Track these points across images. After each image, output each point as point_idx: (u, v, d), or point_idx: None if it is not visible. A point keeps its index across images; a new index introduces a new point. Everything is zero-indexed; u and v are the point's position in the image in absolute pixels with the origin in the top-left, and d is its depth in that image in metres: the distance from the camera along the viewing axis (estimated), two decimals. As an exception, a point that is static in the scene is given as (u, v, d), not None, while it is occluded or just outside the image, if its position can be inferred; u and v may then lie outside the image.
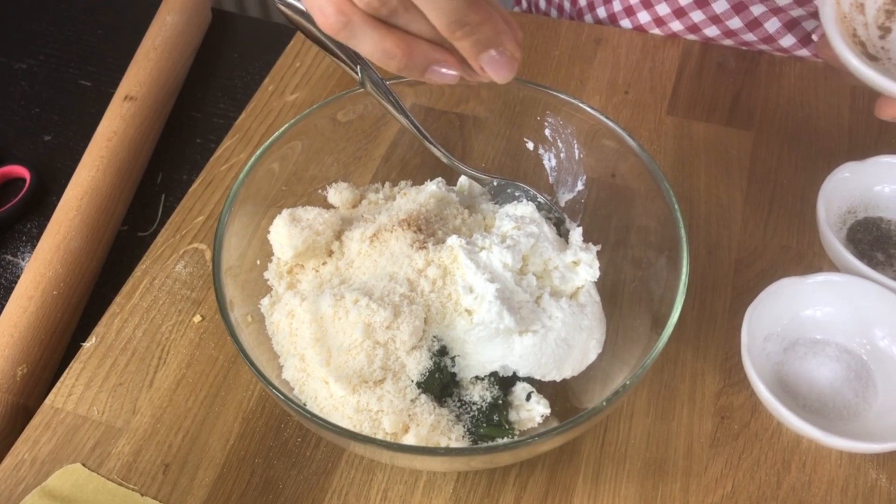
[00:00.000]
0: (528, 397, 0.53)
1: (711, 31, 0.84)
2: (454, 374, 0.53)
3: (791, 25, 0.82)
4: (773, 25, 0.82)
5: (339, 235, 0.58)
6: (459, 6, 0.41)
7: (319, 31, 0.57)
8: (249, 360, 0.48)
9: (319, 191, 0.63)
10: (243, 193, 0.56)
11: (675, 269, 0.54)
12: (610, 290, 0.59)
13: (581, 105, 0.60)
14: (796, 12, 0.81)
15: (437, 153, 0.60)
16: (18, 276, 0.71)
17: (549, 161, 0.65)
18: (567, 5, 0.94)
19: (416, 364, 0.51)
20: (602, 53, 0.82)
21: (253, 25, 0.95)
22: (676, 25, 0.84)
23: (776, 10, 0.81)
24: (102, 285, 0.70)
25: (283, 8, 0.56)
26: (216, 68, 0.89)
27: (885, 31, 0.57)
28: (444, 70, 0.45)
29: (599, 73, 0.80)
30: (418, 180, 0.66)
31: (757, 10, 0.81)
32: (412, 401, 0.51)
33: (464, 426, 0.52)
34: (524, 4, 1.03)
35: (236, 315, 0.52)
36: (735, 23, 0.82)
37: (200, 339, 0.62)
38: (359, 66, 0.58)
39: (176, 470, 0.56)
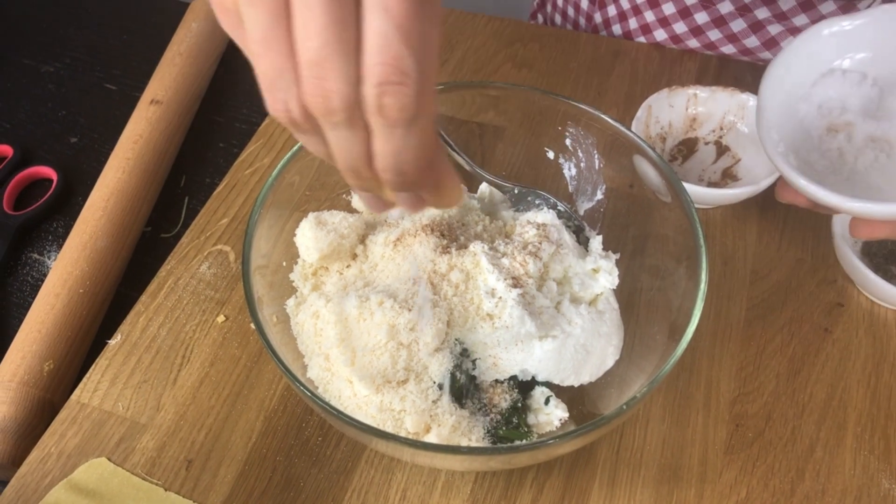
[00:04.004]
0: (547, 401, 0.54)
1: (728, 49, 0.85)
2: (475, 377, 0.54)
3: (807, 42, 0.83)
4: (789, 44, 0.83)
5: (363, 239, 0.59)
6: (407, 150, 0.35)
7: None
8: (276, 355, 0.49)
9: (344, 195, 0.65)
10: (271, 197, 0.58)
11: (693, 279, 0.54)
12: (627, 298, 0.60)
13: (602, 116, 0.61)
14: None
15: (460, 160, 0.61)
16: (44, 274, 0.72)
17: (569, 170, 0.66)
18: (583, 22, 0.95)
19: (439, 366, 0.52)
20: (620, 66, 0.84)
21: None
22: (693, 43, 0.86)
23: (793, 30, 0.82)
24: (125, 285, 0.71)
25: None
26: (239, 74, 0.90)
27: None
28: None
29: (617, 85, 0.82)
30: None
31: (774, 29, 0.83)
32: (434, 402, 0.52)
33: (483, 428, 0.52)
34: (540, 19, 1.04)
35: (263, 314, 0.53)
36: (752, 41, 0.84)
37: (224, 339, 0.64)
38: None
39: (199, 466, 0.57)
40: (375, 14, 0.32)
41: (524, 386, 0.55)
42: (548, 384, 0.55)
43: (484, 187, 0.65)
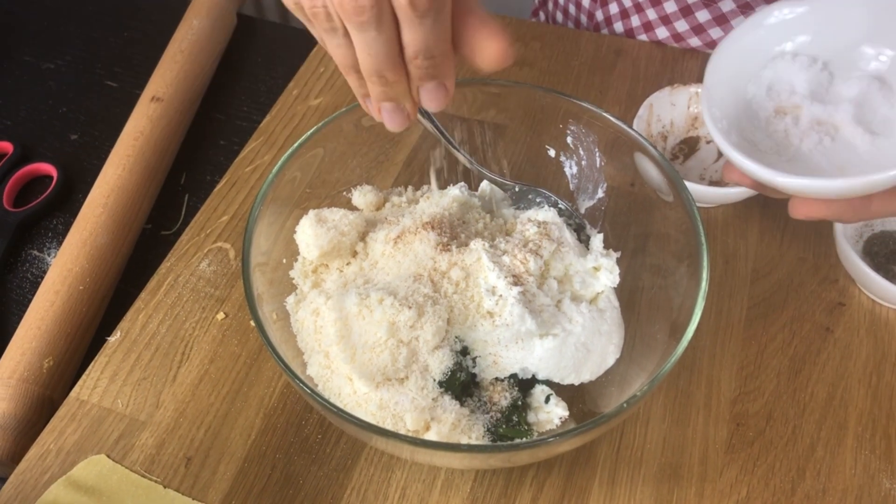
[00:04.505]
0: (547, 399, 0.54)
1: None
2: (475, 375, 0.54)
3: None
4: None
5: (363, 237, 0.59)
6: (435, 36, 0.41)
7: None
8: (276, 353, 0.49)
9: (344, 193, 0.64)
10: (271, 194, 0.57)
11: (694, 277, 0.54)
12: (628, 296, 0.60)
13: (603, 114, 0.61)
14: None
15: (461, 158, 0.61)
16: (44, 271, 0.72)
17: (570, 168, 0.66)
18: (584, 20, 0.95)
19: (439, 363, 0.52)
20: (622, 64, 0.83)
21: (275, 30, 0.97)
22: (695, 41, 0.85)
23: (794, 26, 0.82)
24: (125, 282, 0.71)
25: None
26: (240, 72, 0.90)
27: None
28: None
29: (619, 83, 0.81)
30: (439, 185, 0.67)
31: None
32: (434, 399, 0.51)
33: (483, 426, 0.52)
34: (542, 17, 1.04)
35: (263, 311, 0.53)
36: None
37: (223, 336, 0.63)
38: (386, 72, 0.59)
39: (198, 463, 0.57)
40: None
41: (524, 384, 0.55)
42: (548, 382, 0.55)
43: (485, 185, 0.64)
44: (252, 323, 0.64)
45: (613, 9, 0.90)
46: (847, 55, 0.56)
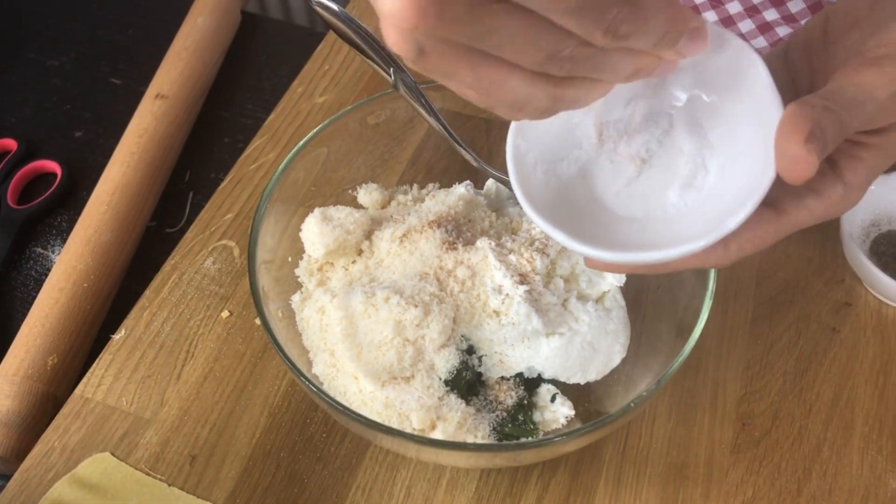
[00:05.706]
0: (553, 399, 0.54)
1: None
2: (480, 374, 0.54)
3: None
4: None
5: (368, 235, 0.59)
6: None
7: (354, 32, 0.58)
8: (282, 350, 0.49)
9: (350, 191, 0.64)
10: (276, 192, 0.57)
11: (701, 277, 0.54)
12: (634, 295, 0.59)
13: (610, 112, 0.61)
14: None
15: (467, 156, 0.60)
16: (48, 268, 0.72)
17: (575, 167, 0.66)
18: None
19: (445, 362, 0.52)
20: (627, 63, 0.83)
21: (280, 28, 0.97)
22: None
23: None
24: (129, 279, 0.71)
25: (319, 10, 0.57)
26: (244, 69, 0.90)
27: None
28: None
29: (624, 82, 0.81)
30: (444, 183, 0.67)
31: (782, 31, 0.82)
32: (440, 398, 0.51)
33: (489, 425, 0.52)
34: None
35: (269, 309, 0.53)
36: (760, 42, 0.83)
37: (228, 334, 0.63)
38: (392, 69, 0.59)
39: (202, 462, 0.57)
40: None
41: (530, 383, 0.55)
42: (554, 381, 0.55)
43: (490, 183, 0.64)
44: (257, 321, 0.64)
45: (618, 7, 0.90)
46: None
